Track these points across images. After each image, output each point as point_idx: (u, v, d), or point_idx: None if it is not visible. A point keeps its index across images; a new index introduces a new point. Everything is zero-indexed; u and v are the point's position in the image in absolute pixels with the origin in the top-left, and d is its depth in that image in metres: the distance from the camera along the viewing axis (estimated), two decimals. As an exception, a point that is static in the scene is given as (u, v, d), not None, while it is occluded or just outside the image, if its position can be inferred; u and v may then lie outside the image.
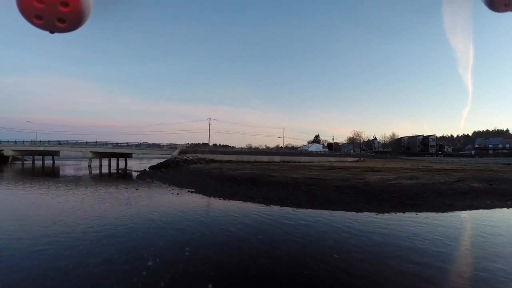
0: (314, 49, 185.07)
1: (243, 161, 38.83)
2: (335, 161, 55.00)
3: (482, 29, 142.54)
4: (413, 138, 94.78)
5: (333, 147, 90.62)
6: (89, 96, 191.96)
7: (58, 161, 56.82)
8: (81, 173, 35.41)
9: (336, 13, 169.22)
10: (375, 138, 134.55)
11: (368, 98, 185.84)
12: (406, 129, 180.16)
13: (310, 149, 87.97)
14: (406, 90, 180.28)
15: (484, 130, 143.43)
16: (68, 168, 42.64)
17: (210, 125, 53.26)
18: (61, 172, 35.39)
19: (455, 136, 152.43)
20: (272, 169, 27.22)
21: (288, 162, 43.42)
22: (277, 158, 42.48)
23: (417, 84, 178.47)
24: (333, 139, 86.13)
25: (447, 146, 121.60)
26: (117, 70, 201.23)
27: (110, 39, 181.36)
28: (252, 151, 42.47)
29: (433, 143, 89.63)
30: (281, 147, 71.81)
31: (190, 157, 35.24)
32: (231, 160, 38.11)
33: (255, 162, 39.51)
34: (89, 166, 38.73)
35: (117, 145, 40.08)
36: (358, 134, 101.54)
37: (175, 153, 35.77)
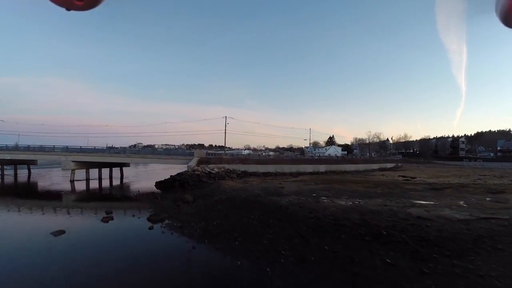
0: (310, 51, 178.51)
1: (283, 173, 28.68)
2: (378, 168, 45.68)
3: (475, 30, 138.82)
4: (443, 140, 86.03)
5: (352, 150, 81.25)
6: (81, 96, 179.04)
7: (37, 170, 45.29)
8: (59, 188, 25.16)
9: (332, 16, 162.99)
10: (388, 140, 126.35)
11: (363, 98, 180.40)
12: (400, 129, 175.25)
13: (328, 152, 78.45)
14: (400, 90, 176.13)
15: (488, 130, 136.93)
16: (45, 180, 31.72)
17: (226, 125, 43.04)
18: (32, 189, 25.29)
19: (455, 136, 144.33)
20: (363, 192, 17.42)
21: (335, 171, 33.61)
22: (322, 168, 32.52)
23: (411, 85, 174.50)
24: (357, 140, 76.69)
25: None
26: (111, 70, 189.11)
27: (106, 39, 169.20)
28: (293, 159, 32.34)
29: (463, 146, 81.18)
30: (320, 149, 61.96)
31: (216, 170, 24.81)
32: (268, 172, 27.90)
33: (298, 173, 29.49)
34: (72, 181, 27.79)
35: (110, 150, 29.31)
36: (377, 136, 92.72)
37: (193, 162, 25.32)
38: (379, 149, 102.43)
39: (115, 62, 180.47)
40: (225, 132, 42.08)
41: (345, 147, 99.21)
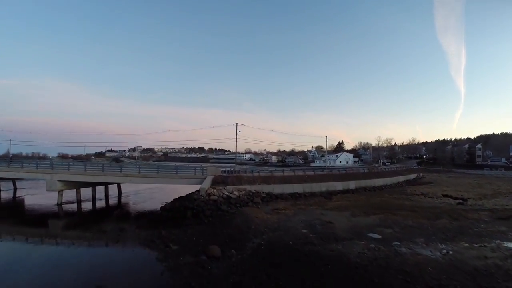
0: (308, 54, 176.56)
1: (312, 192, 24.17)
2: (404, 180, 41.40)
3: (474, 31, 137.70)
4: (459, 147, 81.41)
5: (360, 156, 76.86)
6: (80, 98, 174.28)
7: (27, 183, 39.88)
8: (47, 210, 21.54)
9: (331, 18, 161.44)
10: (395, 144, 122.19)
11: (361, 101, 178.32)
12: (398, 131, 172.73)
13: (339, 159, 74.18)
14: (398, 93, 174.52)
15: (491, 133, 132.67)
16: (33, 199, 26.92)
17: (238, 132, 38.52)
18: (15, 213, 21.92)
19: (457, 139, 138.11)
20: (430, 228, 13.64)
21: (365, 188, 29.18)
22: (352, 184, 28.16)
23: (409, 87, 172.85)
24: (361, 144, 72.27)
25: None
26: (110, 73, 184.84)
27: (104, 41, 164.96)
28: (319, 174, 27.79)
29: (480, 153, 76.99)
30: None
31: (236, 193, 20.24)
32: (296, 193, 23.34)
33: (328, 192, 24.99)
34: (59, 204, 23.01)
35: (104, 168, 24.62)
36: (388, 141, 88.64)
37: (206, 183, 20.79)
38: (389, 155, 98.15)
39: (114, 65, 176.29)
40: (236, 141, 37.56)
41: (352, 152, 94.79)
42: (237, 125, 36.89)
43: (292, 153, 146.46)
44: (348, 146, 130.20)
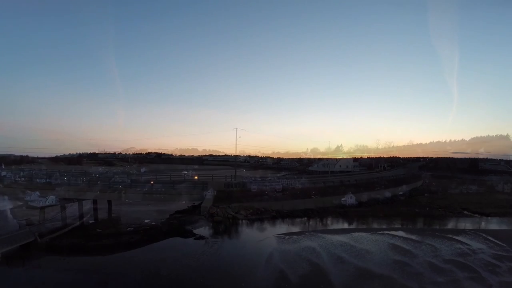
0: (306, 55, 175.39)
1: (325, 208, 21.99)
2: (412, 188, 39.67)
3: (467, 34, 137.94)
4: (462, 152, 79.91)
5: (358, 159, 75.31)
6: (73, 98, 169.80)
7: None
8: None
9: (329, 20, 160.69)
10: (393, 146, 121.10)
11: (357, 103, 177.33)
12: (393, 133, 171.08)
13: (339, 163, 72.19)
14: (394, 95, 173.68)
15: (486, 135, 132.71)
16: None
17: (238, 138, 36.22)
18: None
19: (451, 140, 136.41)
20: (465, 256, 11.84)
21: (377, 200, 27.16)
22: (364, 196, 26.28)
23: (405, 88, 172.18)
24: (359, 146, 70.10)
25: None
26: (105, 72, 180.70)
27: (100, 41, 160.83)
28: (331, 186, 25.69)
29: (482, 156, 76.05)
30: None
31: (242, 212, 17.97)
32: (309, 210, 21.10)
33: (342, 206, 22.84)
34: (41, 223, 20.37)
35: (89, 184, 22.14)
36: (387, 144, 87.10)
37: (208, 201, 18.63)
38: (389, 158, 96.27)
39: (110, 65, 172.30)
40: (236, 146, 35.29)
41: (349, 154, 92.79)
42: (237, 130, 34.65)
43: (287, 154, 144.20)
44: (344, 148, 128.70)
